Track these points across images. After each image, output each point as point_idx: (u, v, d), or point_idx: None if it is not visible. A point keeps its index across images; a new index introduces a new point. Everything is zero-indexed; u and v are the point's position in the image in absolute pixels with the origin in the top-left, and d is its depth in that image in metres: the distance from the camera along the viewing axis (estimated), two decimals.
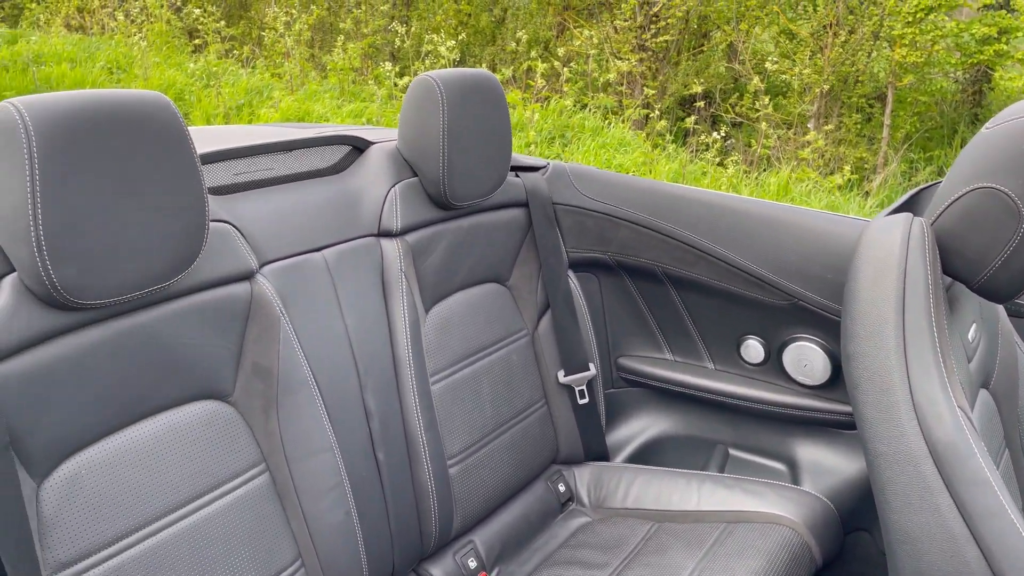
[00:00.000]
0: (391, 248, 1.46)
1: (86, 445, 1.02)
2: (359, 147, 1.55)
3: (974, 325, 1.25)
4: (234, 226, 1.21)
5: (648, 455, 1.96)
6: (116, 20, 8.59)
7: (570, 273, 1.84)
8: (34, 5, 9.87)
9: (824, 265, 1.59)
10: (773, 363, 1.80)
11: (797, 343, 1.74)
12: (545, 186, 1.80)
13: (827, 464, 1.76)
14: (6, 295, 0.93)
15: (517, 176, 1.77)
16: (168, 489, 1.08)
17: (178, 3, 9.17)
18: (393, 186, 1.49)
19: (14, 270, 0.94)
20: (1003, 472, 1.30)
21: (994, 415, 1.34)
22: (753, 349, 1.81)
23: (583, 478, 1.84)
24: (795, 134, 7.03)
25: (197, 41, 8.72)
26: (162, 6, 8.45)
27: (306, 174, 1.45)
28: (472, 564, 1.57)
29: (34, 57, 7.43)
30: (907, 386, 1.06)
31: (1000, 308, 1.41)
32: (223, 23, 8.62)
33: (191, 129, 1.55)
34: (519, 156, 1.82)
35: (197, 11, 8.20)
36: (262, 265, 1.26)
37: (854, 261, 1.16)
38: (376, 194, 1.48)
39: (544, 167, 1.85)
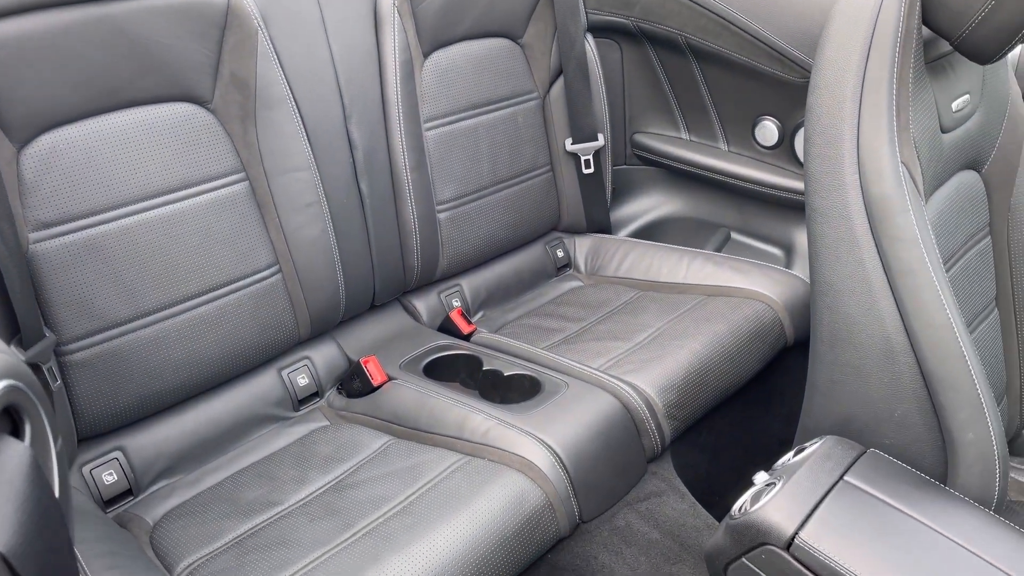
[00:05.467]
0: None
1: (64, 123, 1.12)
2: None
3: (965, 97, 1.17)
4: None
5: (652, 233, 1.98)
6: None
7: (588, 37, 1.78)
8: None
9: None
10: (786, 147, 1.74)
11: None
12: None
13: None
14: None
15: None
16: (144, 177, 1.19)
17: None
18: None
19: None
20: (978, 257, 1.27)
21: (980, 199, 1.28)
22: (768, 131, 1.76)
23: (582, 247, 1.89)
24: None
25: None
26: None
27: None
28: (455, 303, 1.67)
29: None
30: (855, 140, 1.03)
31: (1016, 95, 1.30)
32: None
33: None
34: None
35: None
36: None
37: (832, 10, 1.09)
38: None
39: None
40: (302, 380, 1.41)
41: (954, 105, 1.15)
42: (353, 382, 1.42)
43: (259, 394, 1.36)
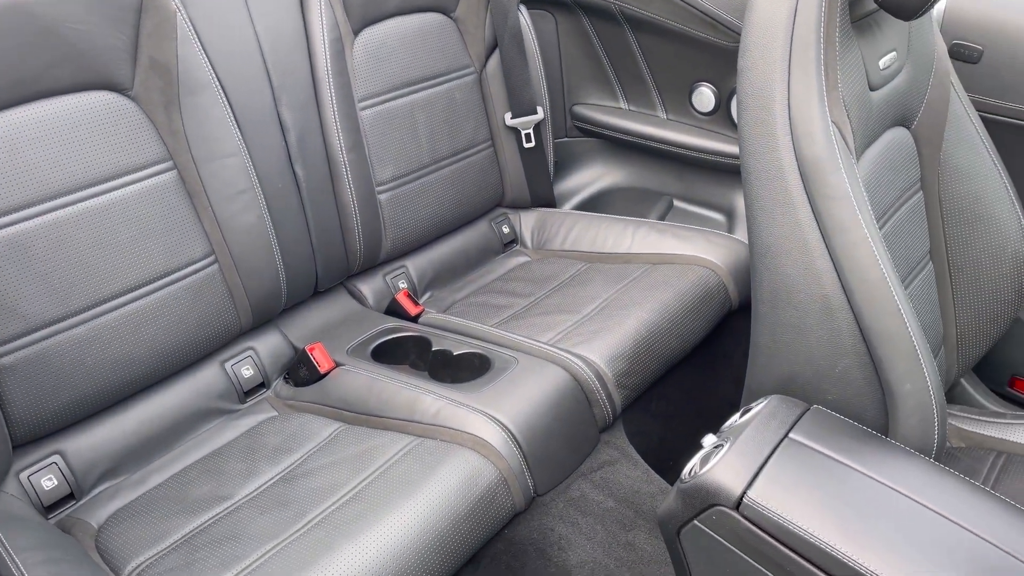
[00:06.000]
0: None
1: None
2: None
3: (892, 55, 1.19)
4: None
5: (596, 205, 1.98)
6: None
7: (522, 9, 1.76)
8: None
9: None
10: (723, 112, 1.76)
11: None
12: None
13: None
14: None
15: None
16: (65, 170, 1.14)
17: None
18: None
19: None
20: (911, 212, 1.29)
21: (911, 155, 1.31)
22: (705, 97, 1.76)
23: (528, 222, 1.88)
24: None
25: None
26: None
27: None
28: (401, 285, 1.65)
29: None
30: (787, 101, 1.03)
31: (942, 50, 1.33)
32: None
33: None
34: None
35: None
36: None
37: None
38: None
39: None
40: (247, 371, 1.38)
41: (881, 63, 1.17)
42: (300, 370, 1.40)
43: (202, 389, 1.33)
